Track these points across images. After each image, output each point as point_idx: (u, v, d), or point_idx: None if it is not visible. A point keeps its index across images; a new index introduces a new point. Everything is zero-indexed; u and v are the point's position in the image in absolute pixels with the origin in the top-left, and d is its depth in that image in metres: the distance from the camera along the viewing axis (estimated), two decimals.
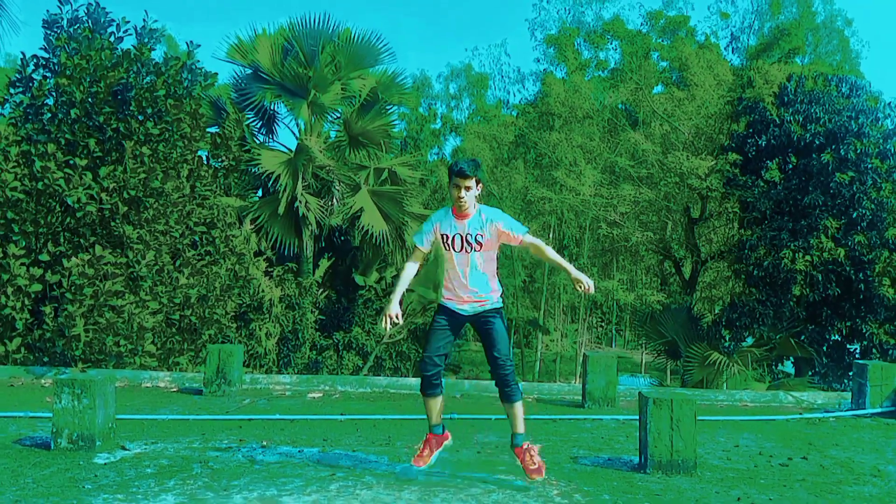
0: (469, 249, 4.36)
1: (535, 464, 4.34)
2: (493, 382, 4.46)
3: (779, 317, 15.14)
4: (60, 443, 5.08)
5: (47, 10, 11.31)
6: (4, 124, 10.86)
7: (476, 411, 6.75)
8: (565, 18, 30.62)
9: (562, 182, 20.63)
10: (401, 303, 4.49)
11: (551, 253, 4.50)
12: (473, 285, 4.40)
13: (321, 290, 15.32)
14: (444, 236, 4.41)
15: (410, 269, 4.59)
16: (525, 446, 4.40)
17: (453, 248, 4.38)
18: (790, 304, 14.96)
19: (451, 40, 76.34)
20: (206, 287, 10.78)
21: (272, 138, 16.37)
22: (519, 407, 4.41)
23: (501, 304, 4.50)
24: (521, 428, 4.43)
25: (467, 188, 4.30)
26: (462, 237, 4.36)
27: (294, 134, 15.90)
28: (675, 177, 18.02)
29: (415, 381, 9.55)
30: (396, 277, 17.58)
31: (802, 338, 15.42)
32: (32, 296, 9.72)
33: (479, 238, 4.35)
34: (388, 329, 4.51)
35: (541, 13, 33.02)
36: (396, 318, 4.41)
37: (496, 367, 4.36)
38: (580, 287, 4.33)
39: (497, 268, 4.54)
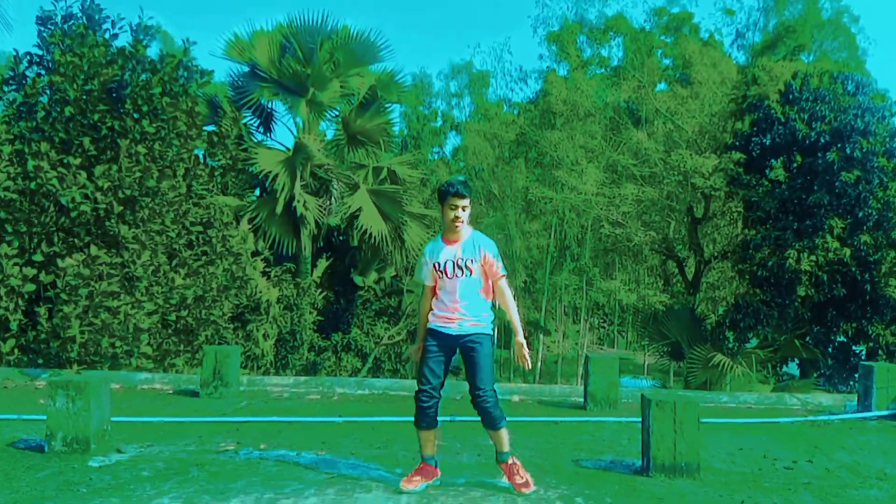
0: (460, 274, 4.34)
1: (522, 478, 4.35)
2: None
3: (783, 318, 15.12)
4: (55, 445, 5.08)
5: (41, 7, 11.28)
6: None
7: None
8: (568, 15, 30.65)
9: (563, 181, 20.64)
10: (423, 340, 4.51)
11: (512, 306, 4.46)
12: (463, 308, 4.35)
13: (319, 291, 15.31)
14: (437, 264, 4.39)
15: (426, 308, 4.54)
16: (510, 461, 4.39)
17: (445, 275, 4.36)
18: (795, 304, 14.93)
19: (454, 37, 76.29)
20: (202, 287, 10.78)
21: (270, 136, 16.39)
22: (503, 433, 4.36)
23: (490, 331, 4.40)
24: (506, 448, 4.40)
25: (464, 208, 4.32)
26: (454, 262, 4.34)
27: (292, 132, 15.92)
28: (678, 176, 18.01)
29: (414, 383, 9.56)
30: (396, 278, 17.44)
31: (807, 339, 15.41)
32: (26, 296, 9.71)
33: (469, 263, 4.33)
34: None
35: (544, 9, 33.02)
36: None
37: (475, 397, 4.30)
38: (521, 354, 4.40)
39: (491, 298, 4.48)
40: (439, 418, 4.51)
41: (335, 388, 8.32)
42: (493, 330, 4.51)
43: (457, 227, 4.34)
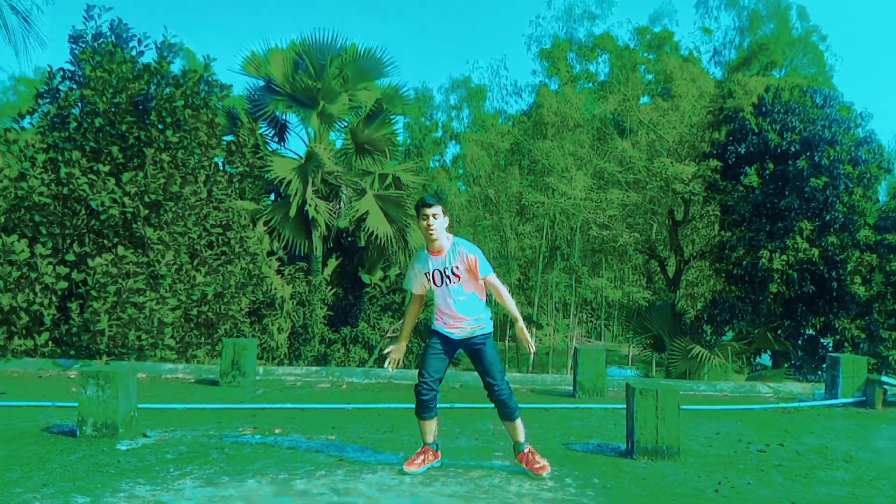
0: (448, 282, 4.29)
1: (539, 463, 4.35)
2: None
3: (757, 313, 15.13)
4: (86, 430, 5.09)
5: (73, 26, 11.32)
6: (32, 133, 10.85)
7: (474, 400, 6.76)
8: (559, 34, 30.65)
9: (554, 187, 20.62)
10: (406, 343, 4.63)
11: (507, 299, 4.36)
12: (460, 313, 4.31)
13: (329, 288, 15.32)
14: (426, 274, 4.35)
15: (412, 312, 4.60)
16: (526, 451, 4.40)
17: (434, 284, 4.33)
18: (767, 300, 14.94)
19: (454, 54, 75.98)
20: (221, 285, 10.78)
21: (283, 146, 16.37)
22: (518, 423, 4.38)
23: (490, 329, 4.40)
24: (521, 437, 4.41)
25: (434, 216, 4.24)
26: (440, 272, 4.29)
27: (304, 142, 15.90)
28: (660, 182, 18.02)
29: (416, 373, 9.56)
30: (400, 276, 17.44)
31: (779, 332, 15.42)
32: (59, 293, 9.71)
33: (455, 270, 4.27)
34: (392, 368, 4.63)
35: (537, 28, 33.01)
36: (398, 364, 4.62)
37: (491, 391, 4.32)
38: (524, 338, 4.35)
39: (485, 293, 4.42)
40: (439, 405, 4.52)
41: (344, 378, 8.32)
42: (492, 327, 4.46)
43: (431, 234, 4.25)
